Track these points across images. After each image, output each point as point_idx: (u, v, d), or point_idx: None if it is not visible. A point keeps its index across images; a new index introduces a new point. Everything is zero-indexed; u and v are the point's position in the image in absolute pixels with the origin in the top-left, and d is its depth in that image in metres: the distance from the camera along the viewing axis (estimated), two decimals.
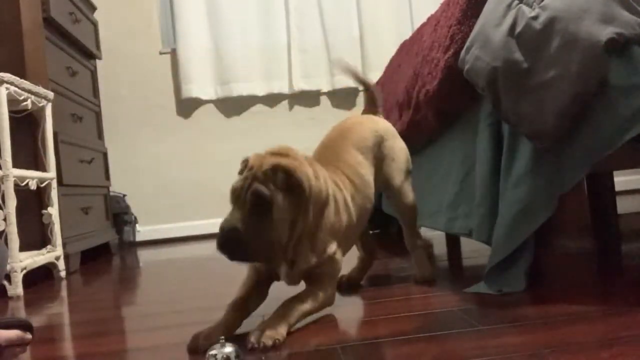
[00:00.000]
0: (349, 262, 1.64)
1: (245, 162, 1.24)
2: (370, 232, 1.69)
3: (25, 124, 2.31)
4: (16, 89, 2.08)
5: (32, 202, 2.32)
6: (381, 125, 1.58)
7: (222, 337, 0.94)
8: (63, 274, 2.34)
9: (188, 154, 3.84)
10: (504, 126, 1.38)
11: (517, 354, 0.88)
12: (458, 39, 1.49)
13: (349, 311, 1.31)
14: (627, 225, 2.21)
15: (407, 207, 1.58)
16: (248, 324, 1.18)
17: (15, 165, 2.08)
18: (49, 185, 2.31)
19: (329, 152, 1.47)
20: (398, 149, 1.58)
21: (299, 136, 3.78)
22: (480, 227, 1.43)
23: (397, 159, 1.57)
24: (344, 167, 1.43)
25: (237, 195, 1.20)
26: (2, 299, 1.93)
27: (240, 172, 1.24)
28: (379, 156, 1.53)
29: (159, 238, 3.76)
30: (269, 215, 1.16)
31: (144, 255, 3.04)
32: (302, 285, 1.29)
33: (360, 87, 3.92)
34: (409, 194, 1.58)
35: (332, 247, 1.29)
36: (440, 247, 2.17)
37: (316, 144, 1.56)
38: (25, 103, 2.17)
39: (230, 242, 1.15)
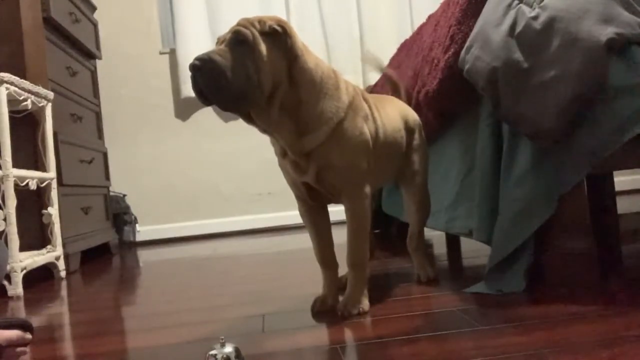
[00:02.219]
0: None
1: None
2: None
3: (25, 124, 2.31)
4: (16, 89, 2.08)
5: (32, 202, 2.32)
6: (415, 116, 1.61)
7: (222, 337, 0.94)
8: (63, 274, 2.34)
9: (188, 154, 3.84)
10: (504, 126, 1.38)
11: (517, 354, 0.88)
12: (458, 39, 1.49)
13: None
14: (627, 225, 2.21)
15: (426, 205, 1.60)
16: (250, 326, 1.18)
17: (15, 165, 2.08)
18: (49, 185, 2.31)
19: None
20: (425, 146, 1.61)
21: None
22: (480, 227, 1.43)
23: (424, 155, 1.58)
24: (380, 105, 1.41)
25: (219, 40, 1.15)
26: (2, 299, 1.93)
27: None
28: (408, 143, 1.54)
29: (159, 238, 3.76)
30: (248, 56, 1.10)
31: (144, 255, 3.04)
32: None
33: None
34: (428, 193, 1.60)
35: (356, 123, 1.24)
36: (440, 247, 2.17)
37: None
38: (25, 103, 2.17)
39: (207, 72, 1.06)
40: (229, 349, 0.90)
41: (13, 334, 1.05)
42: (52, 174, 2.34)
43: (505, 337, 0.98)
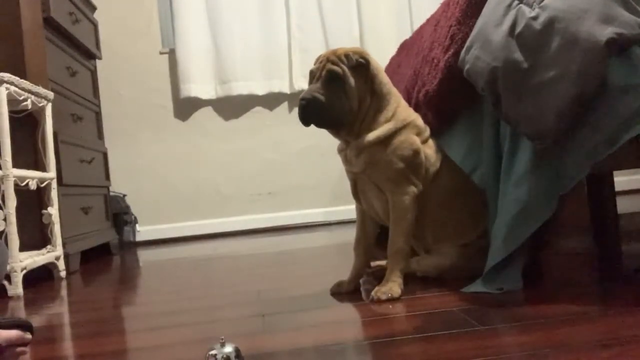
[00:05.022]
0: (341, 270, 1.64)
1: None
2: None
3: (25, 124, 2.31)
4: (16, 89, 2.08)
5: (32, 202, 2.32)
6: None
7: (222, 337, 0.94)
8: (63, 274, 2.34)
9: (188, 154, 3.84)
10: (504, 126, 1.38)
11: (517, 354, 0.88)
12: (458, 39, 1.49)
13: (349, 311, 1.31)
14: (627, 225, 2.21)
15: None
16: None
17: (15, 165, 2.08)
18: (49, 185, 2.31)
19: None
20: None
21: (299, 136, 3.78)
22: None
23: None
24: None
25: (313, 76, 1.43)
26: (2, 299, 1.93)
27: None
28: None
29: (159, 238, 3.76)
30: (341, 89, 1.40)
31: (144, 255, 3.04)
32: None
33: None
34: None
35: (410, 136, 1.47)
36: None
37: (316, 144, 1.59)
38: (25, 103, 2.17)
39: (311, 107, 1.37)
40: (229, 349, 0.90)
41: (13, 334, 1.05)
42: (52, 174, 2.34)
43: (505, 337, 0.98)
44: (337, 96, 1.39)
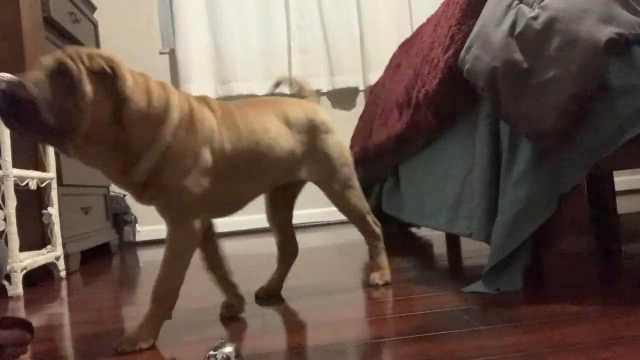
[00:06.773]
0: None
1: None
2: None
3: None
4: None
5: (32, 202, 2.32)
6: (315, 115, 1.51)
7: (222, 337, 0.94)
8: (63, 274, 2.34)
9: None
10: (503, 126, 1.38)
11: (517, 354, 0.88)
12: (458, 39, 1.49)
13: (349, 311, 1.31)
14: (627, 225, 2.21)
15: (356, 212, 1.57)
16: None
17: (15, 165, 2.08)
18: (49, 185, 2.31)
19: (234, 107, 1.32)
20: (338, 148, 1.52)
21: None
22: (480, 227, 1.43)
23: (334, 159, 1.51)
24: (240, 111, 1.31)
25: (41, 64, 1.04)
26: (2, 299, 1.93)
27: None
28: (307, 144, 1.46)
29: (159, 238, 3.75)
30: (69, 92, 1.01)
31: (144, 255, 3.04)
32: None
33: (361, 87, 3.93)
34: (354, 199, 1.55)
35: (184, 175, 1.14)
36: (440, 247, 2.17)
37: None
38: None
39: (10, 94, 0.97)
40: (229, 349, 0.90)
41: (13, 334, 1.05)
42: (52, 174, 2.34)
43: (505, 337, 0.98)
44: (60, 99, 1.01)
